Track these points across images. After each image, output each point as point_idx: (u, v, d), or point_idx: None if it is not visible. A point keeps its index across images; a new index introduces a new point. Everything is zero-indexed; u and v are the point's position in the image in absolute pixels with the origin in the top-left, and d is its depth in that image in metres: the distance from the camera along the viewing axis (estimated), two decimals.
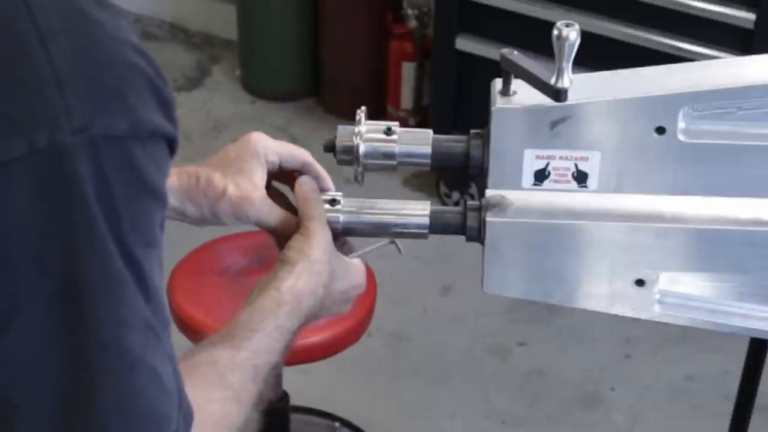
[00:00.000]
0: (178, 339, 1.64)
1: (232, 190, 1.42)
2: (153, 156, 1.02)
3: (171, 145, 1.05)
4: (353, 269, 1.42)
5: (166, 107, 1.04)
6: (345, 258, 1.42)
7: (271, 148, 1.45)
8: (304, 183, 1.44)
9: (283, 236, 1.42)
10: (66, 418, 0.99)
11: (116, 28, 1.03)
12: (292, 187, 1.46)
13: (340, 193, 1.47)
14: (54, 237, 0.97)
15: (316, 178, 1.46)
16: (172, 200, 1.41)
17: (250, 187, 1.43)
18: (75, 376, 0.99)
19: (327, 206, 1.44)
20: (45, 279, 0.97)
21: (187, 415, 1.07)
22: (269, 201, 1.44)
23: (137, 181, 1.01)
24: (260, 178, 1.44)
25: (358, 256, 1.46)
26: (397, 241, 1.48)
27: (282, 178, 1.49)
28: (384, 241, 1.48)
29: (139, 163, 1.00)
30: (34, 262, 0.97)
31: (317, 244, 1.37)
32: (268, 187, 1.46)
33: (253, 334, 1.28)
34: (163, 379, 1.04)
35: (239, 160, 1.44)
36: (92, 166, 0.97)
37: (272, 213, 1.43)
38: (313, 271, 1.35)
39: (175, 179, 1.43)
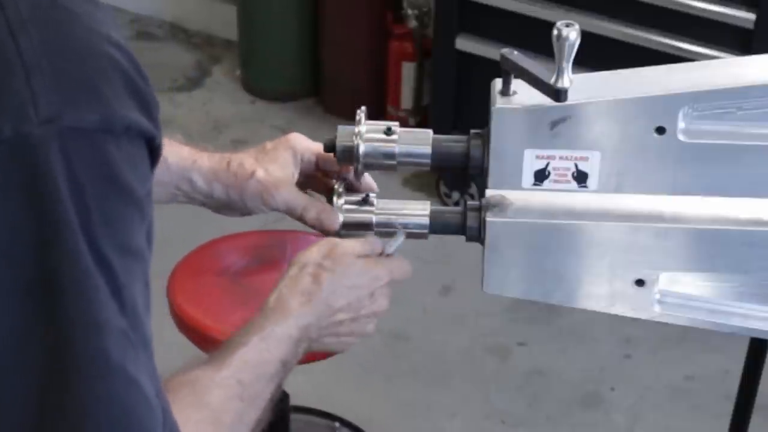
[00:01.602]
0: (178, 339, 1.64)
1: (261, 173, 1.46)
2: (128, 155, 0.98)
3: (151, 146, 1.01)
4: (359, 262, 1.39)
5: (146, 106, 1.00)
6: (353, 258, 1.40)
7: (310, 148, 1.50)
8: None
9: (313, 224, 1.46)
10: (43, 413, 0.96)
11: (95, 21, 0.99)
12: (328, 198, 1.49)
13: (374, 194, 1.49)
14: (22, 228, 0.94)
15: (353, 179, 1.49)
16: (200, 181, 1.45)
17: (279, 175, 1.46)
18: (50, 371, 0.96)
19: (354, 207, 1.47)
20: (15, 270, 0.95)
21: None
22: (297, 189, 1.46)
23: (108, 178, 0.97)
24: (291, 170, 1.48)
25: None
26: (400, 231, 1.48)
27: (316, 185, 1.52)
28: (399, 238, 1.46)
29: (110, 159, 0.96)
30: (4, 253, 0.94)
31: (310, 251, 1.37)
32: (304, 190, 1.50)
33: (235, 349, 1.26)
34: (143, 390, 1.00)
35: (274, 150, 1.48)
36: (62, 158, 0.94)
37: (299, 198, 1.46)
38: (302, 274, 1.35)
39: (205, 159, 1.47)
